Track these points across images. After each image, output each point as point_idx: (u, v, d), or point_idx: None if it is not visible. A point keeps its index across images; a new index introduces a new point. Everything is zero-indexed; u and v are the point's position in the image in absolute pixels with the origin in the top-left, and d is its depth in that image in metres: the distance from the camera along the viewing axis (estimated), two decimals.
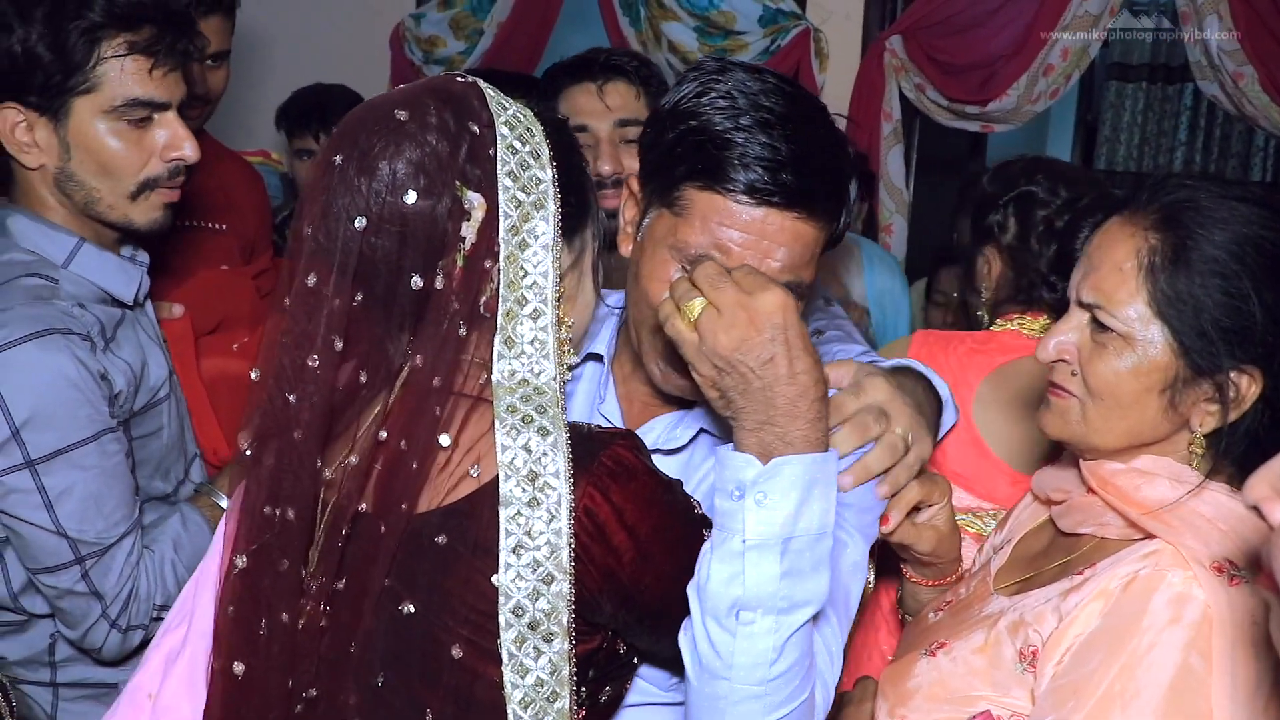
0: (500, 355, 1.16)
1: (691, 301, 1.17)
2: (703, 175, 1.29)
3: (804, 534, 1.12)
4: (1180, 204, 1.28)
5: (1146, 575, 1.22)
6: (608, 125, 2.23)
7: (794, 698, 1.15)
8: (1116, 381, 1.29)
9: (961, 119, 4.08)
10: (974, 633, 1.35)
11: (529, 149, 1.18)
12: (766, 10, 4.06)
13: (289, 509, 1.16)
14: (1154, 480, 1.29)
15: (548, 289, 1.17)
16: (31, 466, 1.55)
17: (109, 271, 1.70)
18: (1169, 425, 1.30)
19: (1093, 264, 1.32)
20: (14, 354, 1.53)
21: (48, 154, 1.63)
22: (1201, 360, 1.25)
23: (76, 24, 1.57)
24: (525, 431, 1.13)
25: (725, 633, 1.13)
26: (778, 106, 1.29)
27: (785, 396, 1.13)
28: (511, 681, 1.13)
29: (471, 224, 1.14)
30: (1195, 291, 1.25)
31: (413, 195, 1.13)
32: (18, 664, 1.72)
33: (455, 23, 4.44)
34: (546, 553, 1.11)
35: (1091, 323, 1.32)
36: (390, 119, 1.15)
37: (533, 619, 1.12)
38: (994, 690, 1.30)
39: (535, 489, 1.12)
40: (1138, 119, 5.83)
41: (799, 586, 1.13)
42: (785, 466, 1.12)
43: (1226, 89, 3.72)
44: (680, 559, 1.18)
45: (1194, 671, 1.16)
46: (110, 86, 1.60)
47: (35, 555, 1.60)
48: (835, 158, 1.33)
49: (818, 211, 1.30)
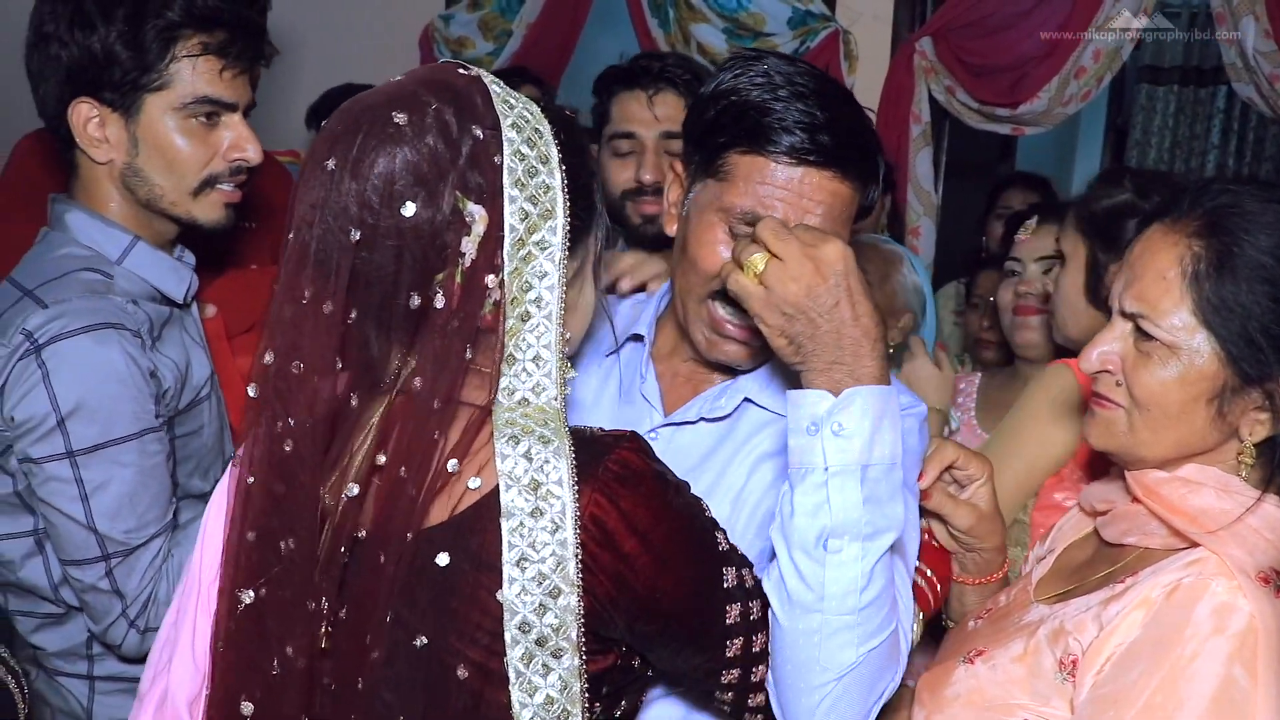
0: (501, 373, 1.13)
1: (753, 257, 1.24)
2: (745, 140, 1.38)
3: (879, 462, 1.19)
4: (1223, 209, 1.26)
5: (1190, 584, 1.20)
6: (654, 135, 2.28)
7: (883, 629, 1.20)
8: (1163, 391, 1.27)
9: (992, 121, 4.05)
10: (1013, 641, 1.34)
11: (537, 153, 1.12)
12: (796, 12, 4.04)
13: (289, 538, 1.10)
14: (1199, 489, 1.28)
15: (553, 304, 1.12)
16: (72, 457, 1.57)
17: (162, 270, 1.74)
18: (1217, 435, 1.28)
19: (1135, 273, 1.31)
20: (68, 344, 1.56)
21: (117, 149, 1.67)
22: (1250, 368, 1.23)
23: (155, 23, 1.61)
24: (525, 440, 1.09)
25: (815, 563, 1.18)
26: (810, 83, 1.38)
27: (851, 337, 1.21)
28: (520, 701, 1.09)
29: (472, 238, 1.08)
30: (1242, 298, 1.23)
31: (410, 207, 1.06)
32: (56, 655, 1.74)
33: (484, 23, 4.45)
34: (552, 565, 1.07)
35: (1135, 332, 1.30)
36: (387, 121, 1.07)
37: (540, 635, 1.08)
38: (1033, 700, 1.29)
39: (538, 498, 1.08)
40: (1169, 122, 5.77)
41: (880, 512, 1.19)
42: (857, 397, 1.19)
43: (1262, 90, 3.67)
44: (697, 562, 1.16)
45: (1237, 684, 1.13)
46: (182, 84, 1.65)
47: (66, 547, 1.62)
48: (864, 128, 1.42)
49: (851, 173, 1.38)
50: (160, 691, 1.28)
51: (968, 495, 1.51)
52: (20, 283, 1.64)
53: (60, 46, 1.62)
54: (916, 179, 4.09)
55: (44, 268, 1.65)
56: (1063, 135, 5.76)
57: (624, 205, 2.33)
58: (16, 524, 1.68)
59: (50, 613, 1.73)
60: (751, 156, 1.38)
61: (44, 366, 1.55)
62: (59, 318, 1.57)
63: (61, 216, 1.71)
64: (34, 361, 1.55)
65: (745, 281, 1.24)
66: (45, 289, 1.60)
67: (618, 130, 2.31)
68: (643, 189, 2.29)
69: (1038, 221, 2.32)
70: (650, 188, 2.28)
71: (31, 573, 1.69)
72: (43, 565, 1.69)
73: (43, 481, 1.59)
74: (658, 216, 2.27)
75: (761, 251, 1.23)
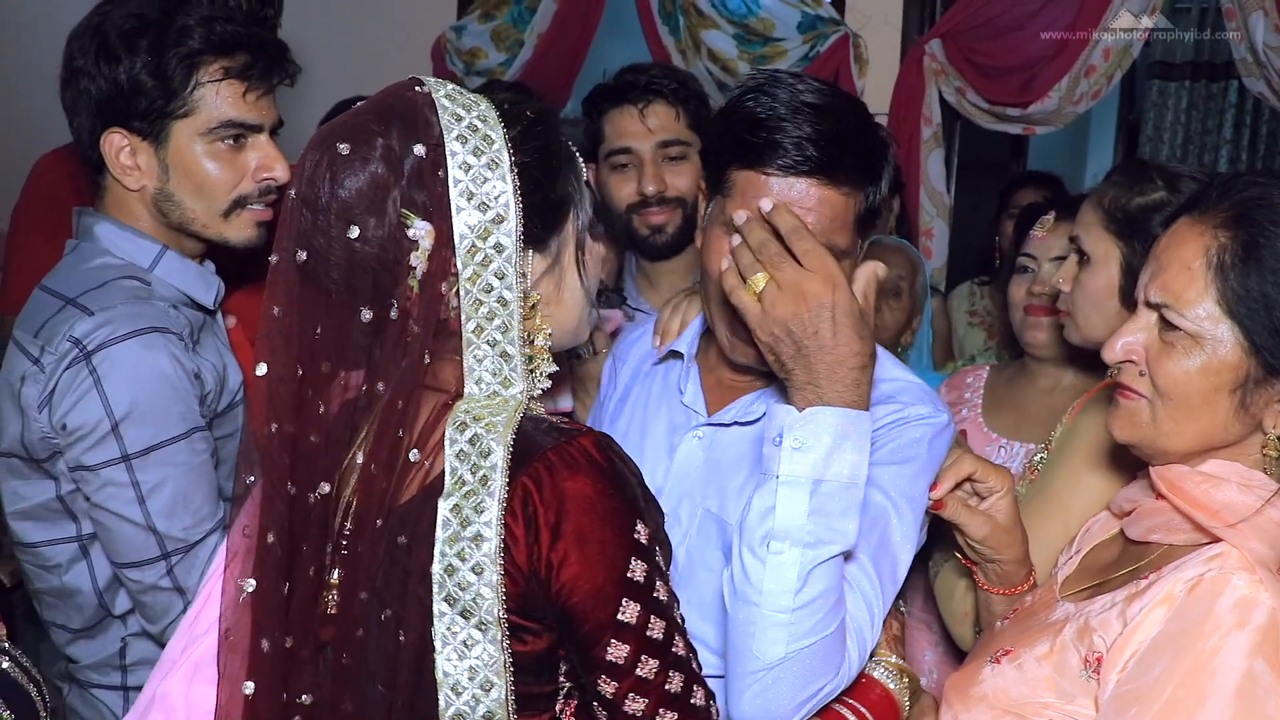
0: (470, 370, 1.20)
1: (756, 276, 1.33)
2: (742, 157, 1.46)
3: (835, 479, 1.27)
4: (1251, 201, 1.26)
5: (1212, 579, 1.20)
6: (650, 146, 2.31)
7: (816, 631, 1.28)
8: (1186, 381, 1.27)
9: (1003, 122, 4.06)
10: (1039, 640, 1.34)
11: (485, 160, 1.18)
12: (805, 16, 4.06)
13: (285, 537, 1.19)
14: (1222, 484, 1.28)
15: (514, 304, 1.19)
16: (127, 461, 1.61)
17: (190, 277, 1.78)
18: (1241, 427, 1.28)
19: (1161, 263, 1.31)
20: (118, 350, 1.60)
21: (148, 176, 1.71)
22: (1273, 359, 1.24)
23: (176, 51, 1.66)
24: (473, 426, 1.16)
25: (757, 560, 1.28)
26: (812, 98, 1.45)
27: (826, 362, 1.29)
28: (444, 670, 1.15)
29: (420, 252, 1.16)
30: (1267, 289, 1.23)
31: (354, 230, 1.15)
32: (90, 668, 1.76)
33: (496, 34, 4.48)
34: (477, 543, 1.13)
35: (1160, 322, 1.30)
36: (332, 151, 1.16)
37: (464, 607, 1.14)
38: (1059, 698, 1.29)
39: (475, 480, 1.14)
40: (1181, 118, 5.75)
41: (826, 525, 1.27)
42: (818, 415, 1.28)
43: (1273, 85, 3.67)
44: (607, 559, 1.17)
45: (1259, 678, 1.13)
46: (207, 110, 1.69)
47: (123, 550, 1.65)
48: (859, 136, 1.47)
49: (840, 180, 1.44)
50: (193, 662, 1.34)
51: (986, 506, 1.51)
52: (60, 291, 1.68)
53: (89, 80, 1.67)
54: (928, 180, 4.09)
55: (83, 277, 1.69)
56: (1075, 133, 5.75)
57: (630, 219, 2.35)
58: (60, 530, 1.71)
59: (82, 626, 1.75)
60: (747, 172, 1.46)
61: (95, 373, 1.59)
62: (106, 324, 1.61)
63: (91, 229, 1.74)
64: (84, 368, 1.59)
65: (745, 298, 1.34)
66: (89, 297, 1.64)
67: (614, 147, 2.33)
68: (646, 200, 2.32)
69: (1055, 218, 2.24)
70: (654, 198, 2.31)
71: (76, 577, 1.72)
72: (87, 570, 1.72)
73: (99, 487, 1.62)
74: (666, 225, 2.33)
75: (764, 272, 1.33)
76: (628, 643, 1.17)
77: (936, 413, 1.55)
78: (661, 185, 2.29)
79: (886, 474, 1.47)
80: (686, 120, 2.33)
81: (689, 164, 2.33)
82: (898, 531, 1.45)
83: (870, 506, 1.42)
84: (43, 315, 1.66)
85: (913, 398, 1.56)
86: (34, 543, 1.72)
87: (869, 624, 1.39)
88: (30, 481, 1.70)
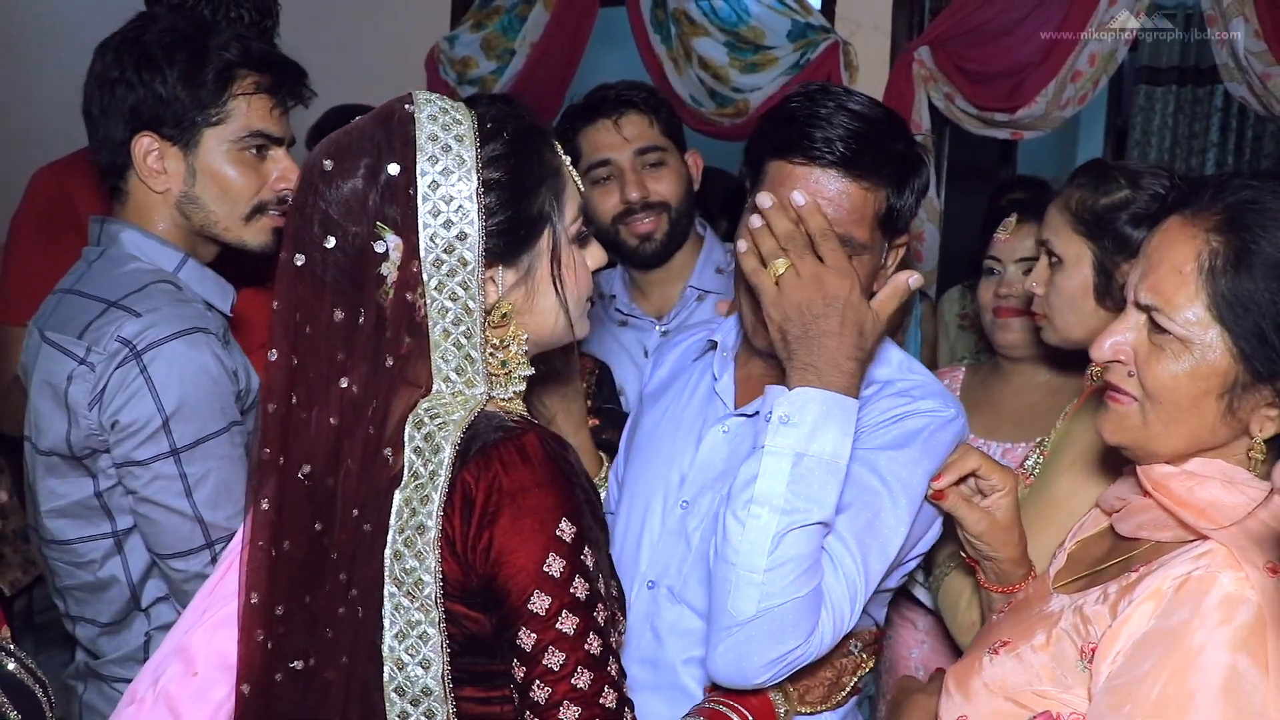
0: (438, 369, 1.29)
1: (776, 261, 1.45)
2: (774, 149, 1.57)
3: (817, 454, 1.39)
4: (1243, 205, 1.25)
5: (1199, 576, 1.20)
6: (628, 155, 2.36)
7: (786, 593, 1.38)
8: (1174, 385, 1.27)
9: (991, 127, 4.08)
10: (1036, 631, 1.35)
11: (454, 180, 1.27)
12: (796, 24, 4.08)
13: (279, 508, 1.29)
14: (1205, 482, 1.29)
15: (476, 311, 1.29)
16: (176, 454, 1.70)
17: (208, 284, 1.86)
18: (1228, 431, 1.28)
19: (1151, 264, 1.30)
20: (166, 349, 1.69)
21: (174, 179, 1.81)
22: (1261, 365, 1.24)
23: (214, 64, 1.76)
24: (429, 423, 1.26)
25: (737, 522, 1.40)
26: (851, 104, 1.54)
27: (828, 350, 1.41)
28: (389, 645, 1.25)
29: (390, 263, 1.27)
30: (1257, 295, 1.22)
31: (331, 240, 1.27)
32: (114, 662, 1.82)
33: (486, 43, 4.49)
34: (420, 532, 1.23)
35: (1149, 324, 1.30)
36: (318, 169, 1.28)
37: (409, 589, 1.24)
38: (1056, 688, 1.30)
39: (426, 474, 1.24)
40: (1168, 121, 5.80)
41: (805, 496, 1.39)
42: (807, 394, 1.41)
43: (1255, 90, 3.70)
44: (525, 550, 1.22)
45: (1244, 674, 1.14)
46: (238, 119, 1.80)
47: (169, 541, 1.73)
48: (888, 140, 1.54)
49: (861, 175, 1.52)
50: None
51: (987, 504, 1.56)
52: (100, 295, 1.75)
53: (127, 89, 1.76)
54: None
55: (120, 281, 1.77)
56: (1063, 137, 5.80)
57: (617, 231, 2.39)
58: (97, 527, 1.78)
59: (109, 621, 1.81)
60: (778, 162, 1.55)
61: (145, 371, 1.68)
62: (153, 325, 1.69)
63: (117, 236, 1.82)
64: (135, 367, 1.68)
65: (764, 279, 1.47)
66: (133, 299, 1.73)
67: (592, 161, 2.38)
68: (631, 208, 2.35)
69: (1017, 220, 2.28)
70: (638, 204, 2.35)
71: (111, 570, 1.79)
72: (122, 565, 1.79)
73: (148, 481, 1.70)
74: (654, 233, 2.37)
75: (786, 258, 1.45)
76: (535, 631, 1.22)
77: (944, 407, 1.60)
78: (644, 191, 2.34)
79: (883, 458, 1.53)
80: (660, 128, 2.38)
81: (668, 169, 2.37)
82: (890, 515, 1.51)
83: (864, 490, 1.49)
84: (84, 318, 1.74)
85: (924, 393, 1.62)
86: (69, 540, 1.79)
87: (848, 601, 1.46)
88: (68, 480, 1.77)
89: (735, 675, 1.44)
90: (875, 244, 1.57)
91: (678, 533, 1.67)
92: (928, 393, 1.62)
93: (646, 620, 1.66)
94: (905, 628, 2.29)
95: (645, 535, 1.70)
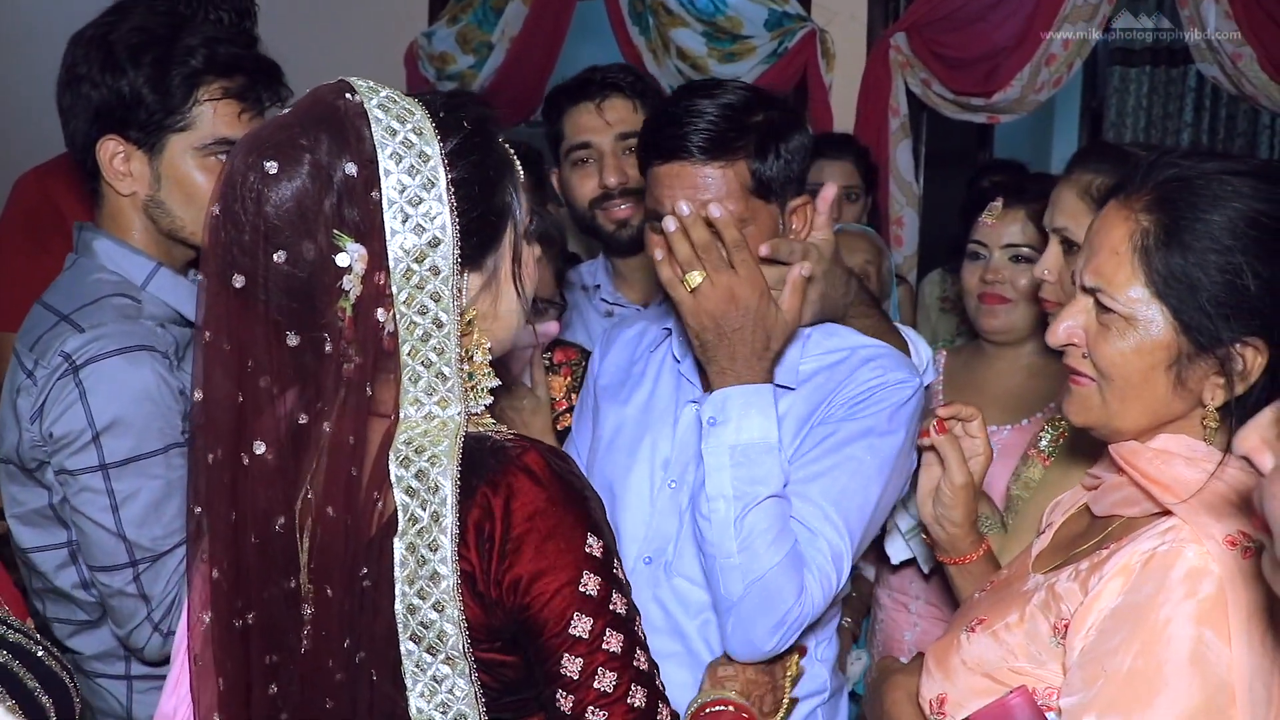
0: (405, 391, 1.15)
1: (692, 274, 1.56)
2: (644, 157, 1.67)
3: (747, 442, 1.55)
4: (1171, 183, 1.29)
5: (1165, 551, 1.23)
6: (609, 139, 2.34)
7: (762, 565, 1.52)
8: (1122, 362, 1.31)
9: (968, 111, 4.12)
10: (1010, 609, 1.38)
11: (421, 180, 1.12)
12: (772, 14, 4.10)
13: (234, 572, 1.16)
14: (1171, 459, 1.31)
15: (450, 325, 1.15)
16: (105, 470, 1.66)
17: (181, 294, 1.82)
18: (1182, 403, 1.31)
19: (1092, 248, 1.35)
20: (105, 365, 1.65)
21: (139, 183, 1.77)
22: (1202, 336, 1.27)
23: (179, 69, 1.71)
24: (417, 461, 1.13)
25: (705, 519, 1.56)
26: (697, 96, 1.61)
27: (743, 354, 1.57)
28: (418, 707, 1.14)
29: (353, 276, 1.11)
30: (1190, 270, 1.25)
31: (282, 255, 1.09)
32: (94, 659, 1.81)
33: (462, 37, 4.49)
34: (435, 581, 1.11)
35: (1096, 305, 1.34)
36: (259, 170, 1.10)
37: (430, 644, 1.13)
38: (1031, 664, 1.33)
39: (428, 517, 1.12)
40: (1143, 102, 5.83)
41: (749, 476, 1.54)
42: (728, 393, 1.57)
43: (1226, 70, 3.75)
44: (557, 573, 1.14)
45: (1209, 645, 1.17)
46: (203, 126, 1.75)
47: (95, 554, 1.70)
48: (741, 114, 1.61)
49: (716, 155, 1.59)
50: None
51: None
52: (56, 308, 1.73)
53: (91, 87, 1.72)
54: (898, 171, 4.14)
55: (77, 293, 1.74)
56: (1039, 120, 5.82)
57: (594, 216, 2.37)
58: (52, 536, 1.76)
59: (84, 619, 1.80)
60: (650, 169, 1.65)
61: (81, 385, 1.64)
62: (95, 340, 1.66)
63: (90, 244, 1.79)
64: (72, 381, 1.65)
65: (680, 291, 1.58)
66: (81, 314, 1.69)
67: (574, 143, 2.37)
68: (609, 193, 2.34)
69: (1004, 205, 2.24)
70: (616, 189, 2.33)
71: (65, 581, 1.77)
72: (76, 574, 1.77)
73: (77, 492, 1.68)
74: (630, 219, 2.35)
75: (701, 270, 1.55)
76: (581, 656, 1.14)
77: (911, 376, 1.69)
78: (623, 177, 2.32)
79: (856, 427, 1.64)
80: (644, 112, 2.34)
81: None
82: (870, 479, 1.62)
83: (846, 459, 1.62)
84: (38, 330, 1.72)
85: (892, 364, 1.69)
86: (27, 548, 1.78)
87: (830, 562, 1.58)
88: (26, 488, 1.75)
89: (747, 649, 1.57)
90: (758, 212, 1.64)
91: (670, 510, 1.72)
92: (895, 364, 1.70)
93: (650, 592, 1.71)
94: (899, 611, 2.29)
95: (631, 514, 1.74)
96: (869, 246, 2.95)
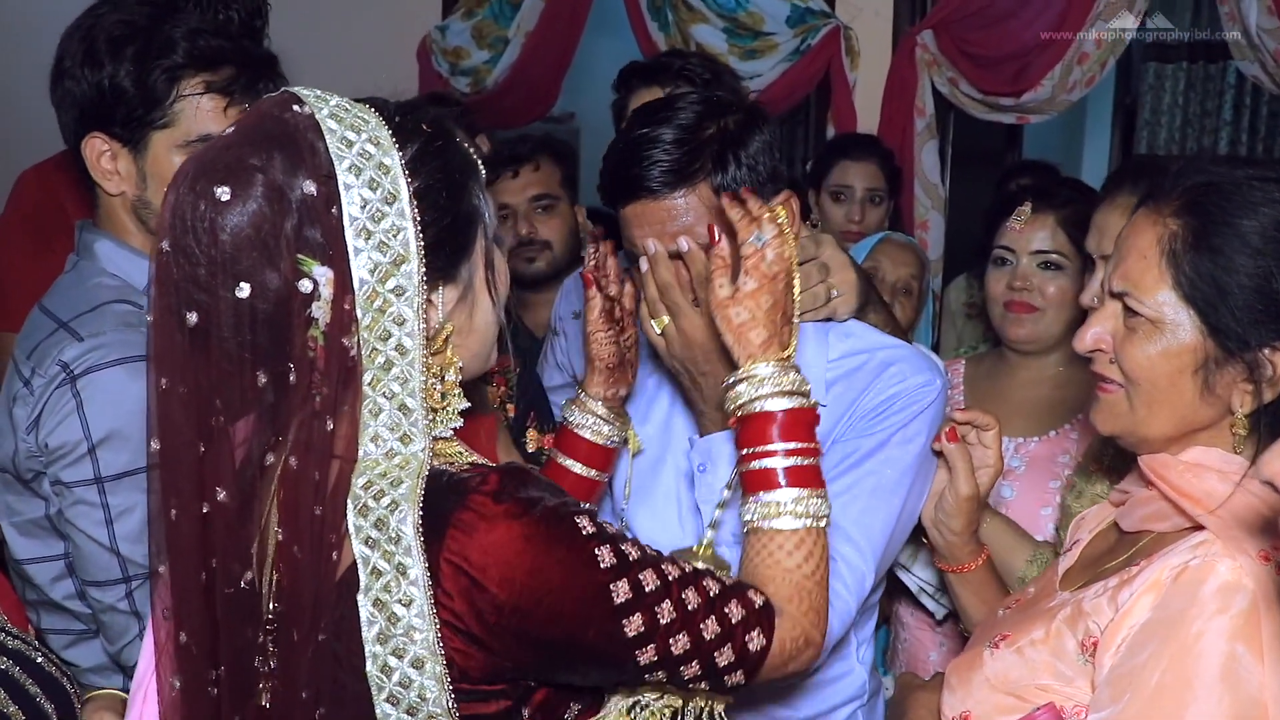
0: (365, 425, 1.08)
1: (661, 317, 1.55)
2: (609, 203, 1.60)
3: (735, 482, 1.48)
4: (1200, 188, 1.30)
5: (1196, 566, 1.23)
6: None
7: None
8: (1149, 365, 1.31)
9: (996, 111, 4.06)
10: (1035, 626, 1.38)
11: (382, 194, 1.05)
12: (795, 10, 4.04)
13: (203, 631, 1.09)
14: (1204, 472, 1.30)
15: (415, 351, 1.08)
16: (100, 483, 1.63)
17: None
18: (1210, 409, 1.31)
19: (1121, 254, 1.35)
20: (103, 376, 1.62)
21: (127, 182, 1.72)
22: (1230, 341, 1.27)
23: (160, 63, 1.67)
24: (376, 508, 1.05)
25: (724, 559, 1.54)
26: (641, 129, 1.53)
27: (715, 394, 1.52)
28: None
29: (322, 302, 1.03)
30: (1218, 274, 1.26)
31: (245, 287, 1.02)
32: (91, 671, 1.77)
33: (477, 31, 4.46)
34: (411, 637, 1.04)
35: (1124, 310, 1.34)
36: (209, 197, 1.02)
37: (410, 704, 1.06)
38: (1057, 680, 1.33)
39: (393, 570, 1.04)
40: (1179, 100, 5.69)
41: None
42: (710, 439, 1.59)
43: (1268, 68, 3.66)
44: (572, 588, 1.09)
45: (1240, 661, 1.17)
46: (185, 122, 1.69)
47: (89, 568, 1.67)
48: (693, 132, 1.52)
49: (674, 185, 1.52)
50: None
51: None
52: (56, 314, 1.69)
53: (74, 82, 1.68)
54: (923, 172, 4.09)
55: (78, 298, 1.70)
56: (1070, 119, 5.71)
57: None
58: (48, 548, 1.73)
59: (81, 629, 1.77)
60: (619, 211, 1.58)
61: (78, 396, 1.61)
62: (94, 350, 1.62)
63: (91, 245, 1.76)
64: (69, 391, 1.61)
65: (653, 334, 1.57)
66: (80, 321, 1.65)
67: None
68: None
69: (1032, 210, 2.18)
70: None
71: (60, 593, 1.74)
72: (72, 586, 1.74)
73: (71, 504, 1.64)
74: None
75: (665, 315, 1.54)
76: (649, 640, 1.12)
77: (932, 379, 1.63)
78: None
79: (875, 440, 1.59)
80: None
81: None
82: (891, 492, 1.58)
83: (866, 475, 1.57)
84: (37, 336, 1.68)
85: (912, 367, 1.63)
86: (22, 559, 1.75)
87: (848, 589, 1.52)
88: (22, 497, 1.73)
89: None
90: None
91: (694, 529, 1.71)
92: (915, 368, 1.64)
93: None
94: (923, 630, 2.25)
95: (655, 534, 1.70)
96: (915, 260, 2.92)
